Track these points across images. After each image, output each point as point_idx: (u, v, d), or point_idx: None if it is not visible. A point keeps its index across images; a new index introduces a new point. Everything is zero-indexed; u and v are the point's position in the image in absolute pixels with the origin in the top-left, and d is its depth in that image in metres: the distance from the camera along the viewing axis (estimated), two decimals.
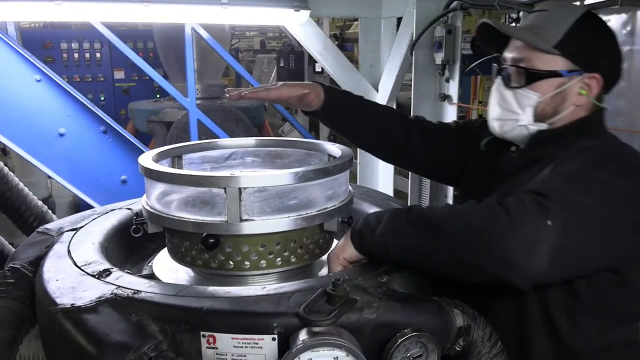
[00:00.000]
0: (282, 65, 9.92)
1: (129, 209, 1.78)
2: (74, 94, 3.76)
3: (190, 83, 4.74)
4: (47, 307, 1.27)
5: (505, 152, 1.63)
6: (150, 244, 1.75)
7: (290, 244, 1.44)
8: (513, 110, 1.55)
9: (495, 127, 1.61)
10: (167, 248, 1.57)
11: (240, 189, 1.34)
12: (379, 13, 4.01)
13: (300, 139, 1.86)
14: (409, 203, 3.84)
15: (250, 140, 1.87)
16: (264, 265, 1.43)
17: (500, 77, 1.58)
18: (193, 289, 1.28)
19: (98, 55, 8.42)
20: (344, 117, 1.85)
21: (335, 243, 1.51)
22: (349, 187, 1.61)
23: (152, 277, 1.52)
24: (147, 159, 1.51)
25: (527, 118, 1.53)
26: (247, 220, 1.37)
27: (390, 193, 4.26)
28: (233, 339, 1.16)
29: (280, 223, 1.39)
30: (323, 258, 1.53)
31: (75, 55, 8.31)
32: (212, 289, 1.27)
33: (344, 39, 10.64)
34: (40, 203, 2.69)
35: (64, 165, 3.73)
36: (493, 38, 1.63)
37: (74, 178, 3.76)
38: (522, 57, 1.53)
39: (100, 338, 1.14)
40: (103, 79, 8.49)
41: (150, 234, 1.55)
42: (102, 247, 1.54)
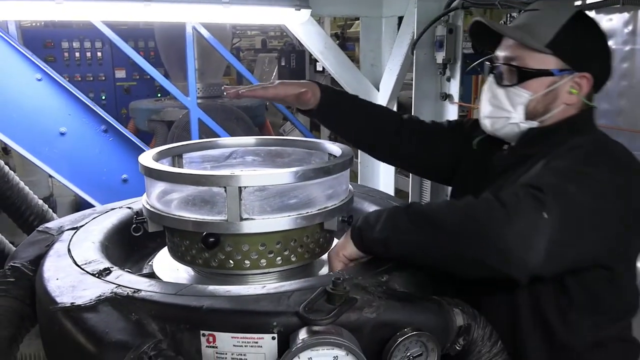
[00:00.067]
0: (283, 65, 9.92)
1: (129, 208, 1.78)
2: (75, 93, 3.76)
3: (191, 82, 4.74)
4: (47, 305, 1.27)
5: (497, 150, 1.64)
6: (151, 243, 1.75)
7: (291, 243, 1.44)
8: (504, 108, 1.56)
9: (487, 124, 1.63)
10: (167, 247, 1.56)
11: (241, 188, 1.34)
12: (380, 12, 4.01)
13: (301, 138, 1.86)
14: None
15: (251, 139, 1.86)
16: (264, 264, 1.43)
17: (493, 75, 1.60)
18: (193, 288, 1.28)
19: (99, 54, 8.43)
20: (340, 115, 1.86)
21: (336, 242, 1.51)
22: (350, 186, 1.61)
23: (152, 276, 1.52)
24: (147, 158, 1.51)
25: (518, 116, 1.55)
26: (247, 219, 1.36)
27: (391, 192, 4.26)
28: (233, 338, 1.16)
29: (281, 222, 1.39)
30: (323, 257, 1.53)
31: (77, 54, 8.32)
32: (212, 288, 1.27)
33: (345, 38, 10.64)
34: (41, 202, 2.69)
35: (65, 164, 3.73)
36: (486, 36, 1.64)
37: (75, 177, 3.77)
38: (514, 55, 1.54)
39: (100, 337, 1.14)
40: (104, 78, 8.50)
41: (151, 233, 1.56)
42: (102, 246, 1.54)
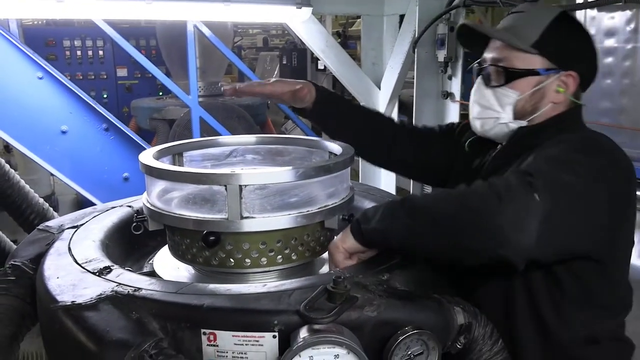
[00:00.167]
0: (284, 63, 9.93)
1: (130, 207, 1.78)
2: (76, 92, 3.76)
3: (193, 81, 4.74)
4: (47, 304, 1.26)
5: (488, 151, 1.67)
6: (151, 242, 1.75)
7: (291, 242, 1.44)
8: (493, 109, 1.60)
9: (477, 126, 1.66)
10: (167, 245, 1.56)
11: (241, 187, 1.34)
12: (382, 10, 4.00)
13: (301, 137, 1.85)
14: None
15: (251, 138, 1.86)
16: (265, 263, 1.43)
17: (481, 77, 1.63)
18: (194, 287, 1.28)
19: (101, 53, 8.45)
20: (337, 114, 1.89)
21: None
22: (350, 184, 1.61)
23: (152, 274, 1.52)
24: (147, 157, 1.51)
25: (507, 116, 1.58)
26: (247, 218, 1.36)
27: (393, 191, 4.25)
28: (234, 337, 1.15)
29: (281, 220, 1.39)
30: (324, 255, 1.52)
31: (78, 53, 8.34)
32: (212, 287, 1.26)
33: (347, 37, 10.64)
34: (42, 201, 2.69)
35: (66, 163, 3.73)
36: (473, 39, 1.68)
37: (76, 175, 3.76)
38: (501, 57, 1.57)
39: (101, 335, 1.14)
40: (106, 77, 8.51)
41: (151, 232, 1.55)
42: (102, 244, 1.54)
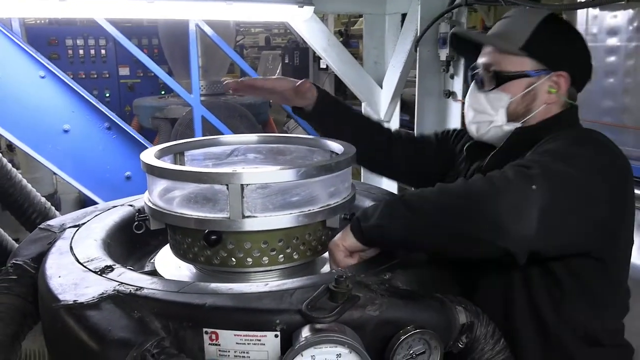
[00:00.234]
0: (286, 62, 9.92)
1: (131, 206, 1.78)
2: (78, 91, 3.77)
3: (195, 80, 4.76)
4: (49, 303, 1.27)
5: (486, 154, 1.68)
6: (153, 241, 1.75)
7: (293, 241, 1.44)
8: (487, 112, 1.63)
9: (473, 130, 1.69)
10: (169, 245, 1.56)
11: (243, 186, 1.33)
12: (384, 9, 3.99)
13: (302, 136, 1.85)
14: None
15: (253, 137, 1.86)
16: (266, 262, 1.43)
17: (474, 81, 1.66)
18: (195, 286, 1.28)
19: (103, 52, 8.46)
20: (335, 116, 1.90)
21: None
22: (352, 183, 1.61)
23: (154, 273, 1.52)
24: (149, 156, 1.51)
25: (500, 119, 1.61)
26: (249, 217, 1.36)
27: (395, 190, 4.25)
28: (236, 336, 1.15)
29: (283, 220, 1.39)
30: (325, 255, 1.52)
31: (81, 52, 8.35)
32: (214, 286, 1.26)
33: (349, 35, 10.65)
34: (44, 199, 2.69)
35: (69, 162, 3.73)
36: (467, 46, 1.71)
37: (79, 174, 3.77)
38: (492, 61, 1.61)
39: (103, 335, 1.14)
40: (108, 76, 8.52)
41: (153, 231, 1.55)
42: (104, 243, 1.54)
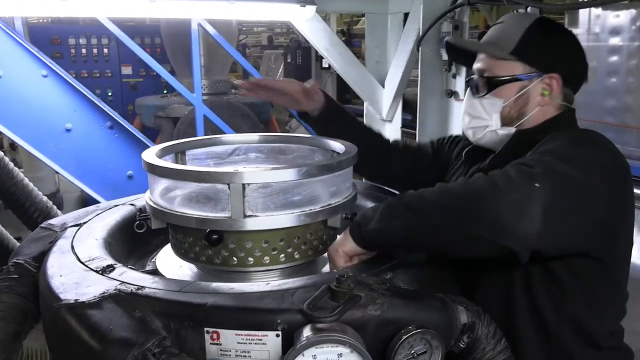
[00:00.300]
0: (289, 61, 9.93)
1: (133, 205, 1.78)
2: (81, 90, 3.77)
3: (197, 79, 4.75)
4: (50, 302, 1.27)
5: (485, 158, 1.68)
6: (154, 240, 1.76)
7: (294, 240, 1.44)
8: (482, 117, 1.65)
9: (470, 135, 1.71)
10: (170, 244, 1.56)
11: (244, 185, 1.33)
12: (386, 8, 3.98)
13: (304, 135, 1.85)
14: None
15: (254, 136, 1.86)
16: (268, 262, 1.42)
17: (469, 88, 1.69)
18: (197, 285, 1.28)
19: (106, 51, 8.47)
20: (341, 123, 1.92)
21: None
22: (353, 183, 1.60)
23: (155, 273, 1.52)
24: (150, 155, 1.51)
25: (495, 123, 1.63)
26: (250, 216, 1.36)
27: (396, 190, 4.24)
28: (237, 335, 1.15)
29: (284, 219, 1.39)
30: (327, 254, 1.52)
31: (83, 51, 8.36)
32: (215, 285, 1.27)
33: (351, 35, 10.64)
34: (45, 199, 2.70)
35: (71, 161, 3.74)
36: (464, 53, 1.74)
37: (81, 173, 3.77)
38: (485, 67, 1.64)
39: (104, 334, 1.14)
40: (111, 75, 8.53)
41: (154, 230, 1.56)
42: (105, 242, 1.54)
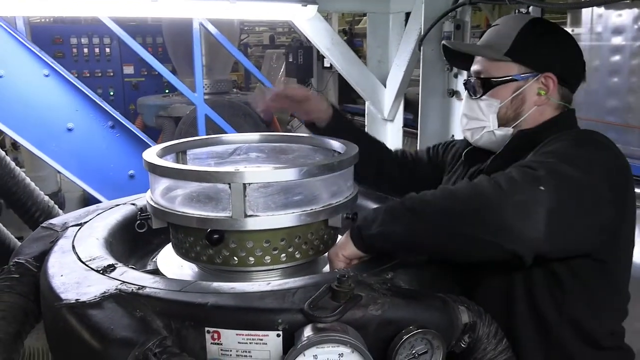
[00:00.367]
0: (290, 61, 9.90)
1: (134, 205, 1.78)
2: (82, 89, 3.77)
3: (198, 78, 4.75)
4: (51, 302, 1.27)
5: (485, 159, 1.69)
6: (155, 239, 1.75)
7: (295, 240, 1.44)
8: (479, 119, 1.67)
9: (468, 136, 1.73)
10: (171, 243, 1.56)
11: (245, 185, 1.33)
12: (387, 8, 3.97)
13: (305, 135, 1.84)
14: None
15: (255, 136, 1.86)
16: (269, 261, 1.42)
17: (467, 90, 1.71)
18: (197, 285, 1.28)
19: (107, 51, 8.47)
20: (349, 134, 1.90)
21: (339, 239, 1.50)
22: (354, 183, 1.60)
23: (156, 272, 1.52)
24: (151, 154, 1.51)
25: (492, 124, 1.64)
26: (251, 216, 1.36)
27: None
28: (238, 335, 1.15)
29: (285, 219, 1.38)
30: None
31: (85, 51, 8.37)
32: (216, 285, 1.26)
33: (353, 34, 10.62)
34: (47, 198, 2.71)
35: (72, 160, 3.74)
36: (460, 58, 1.75)
37: (82, 173, 3.78)
38: (481, 69, 1.66)
39: (105, 333, 1.14)
40: (112, 74, 8.53)
41: (155, 230, 1.55)
42: (106, 242, 1.54)
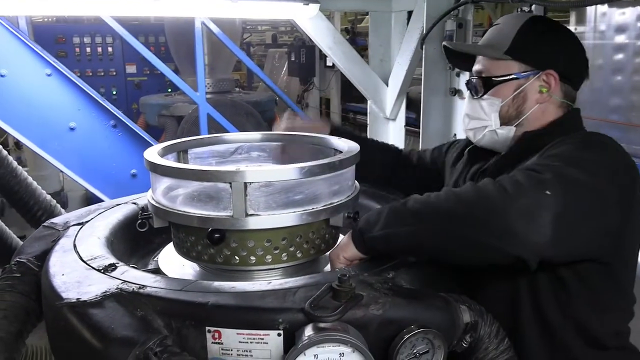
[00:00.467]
0: (293, 60, 9.90)
1: (135, 204, 1.79)
2: (84, 88, 3.78)
3: (200, 77, 4.75)
4: (53, 301, 1.27)
5: (488, 158, 1.68)
6: (156, 239, 1.76)
7: (296, 239, 1.43)
8: (481, 118, 1.65)
9: (471, 136, 1.72)
10: (172, 243, 1.56)
11: (246, 184, 1.33)
12: (390, 6, 3.97)
13: (307, 134, 1.84)
14: None
15: (256, 135, 1.86)
16: (270, 261, 1.42)
17: (469, 90, 1.69)
18: (198, 284, 1.28)
19: (110, 50, 8.47)
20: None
21: (341, 238, 1.50)
22: (356, 182, 1.60)
23: (157, 271, 1.52)
24: (152, 154, 1.51)
25: (494, 123, 1.63)
26: (252, 215, 1.36)
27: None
28: (238, 335, 1.15)
29: (286, 218, 1.38)
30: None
31: (88, 50, 8.36)
32: (217, 284, 1.26)
33: (356, 33, 10.61)
34: (49, 197, 2.71)
35: (75, 159, 3.75)
36: (461, 58, 1.74)
37: (84, 172, 3.78)
38: (482, 68, 1.65)
39: (106, 333, 1.14)
40: (115, 73, 8.52)
41: (156, 229, 1.55)
42: (107, 241, 1.54)
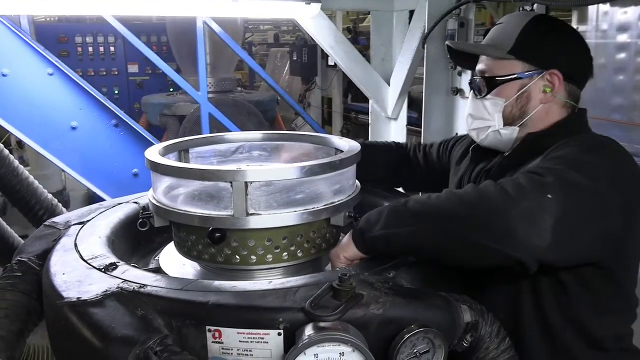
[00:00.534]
0: (295, 59, 9.88)
1: (136, 203, 1.79)
2: (86, 88, 3.78)
3: (202, 77, 4.76)
4: (53, 300, 1.27)
5: (492, 157, 1.68)
6: (157, 238, 1.76)
7: (297, 239, 1.44)
8: (484, 118, 1.64)
9: (474, 136, 1.70)
10: (173, 242, 1.56)
11: (247, 183, 1.33)
12: (391, 6, 3.96)
13: (307, 133, 1.84)
14: None
15: (257, 134, 1.86)
16: (270, 260, 1.42)
17: (472, 89, 1.67)
18: (199, 283, 1.28)
19: (112, 49, 8.47)
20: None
21: (342, 238, 1.50)
22: (357, 181, 1.60)
23: (158, 271, 1.53)
24: (153, 153, 1.51)
25: (497, 123, 1.61)
26: (253, 215, 1.36)
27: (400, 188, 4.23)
28: (239, 334, 1.15)
29: (287, 217, 1.38)
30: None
31: (90, 49, 8.36)
32: (217, 284, 1.26)
33: (357, 32, 10.59)
34: (50, 196, 2.71)
35: (76, 158, 3.75)
36: (465, 57, 1.73)
37: (86, 171, 3.79)
38: (485, 68, 1.63)
39: (106, 332, 1.14)
40: (117, 73, 8.53)
41: (157, 228, 1.55)
42: (108, 240, 1.54)
